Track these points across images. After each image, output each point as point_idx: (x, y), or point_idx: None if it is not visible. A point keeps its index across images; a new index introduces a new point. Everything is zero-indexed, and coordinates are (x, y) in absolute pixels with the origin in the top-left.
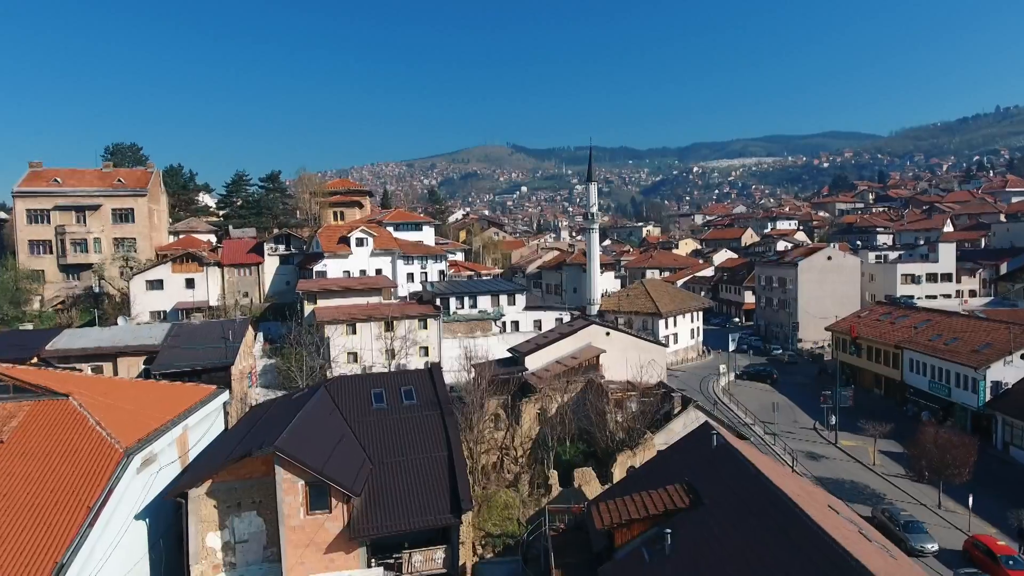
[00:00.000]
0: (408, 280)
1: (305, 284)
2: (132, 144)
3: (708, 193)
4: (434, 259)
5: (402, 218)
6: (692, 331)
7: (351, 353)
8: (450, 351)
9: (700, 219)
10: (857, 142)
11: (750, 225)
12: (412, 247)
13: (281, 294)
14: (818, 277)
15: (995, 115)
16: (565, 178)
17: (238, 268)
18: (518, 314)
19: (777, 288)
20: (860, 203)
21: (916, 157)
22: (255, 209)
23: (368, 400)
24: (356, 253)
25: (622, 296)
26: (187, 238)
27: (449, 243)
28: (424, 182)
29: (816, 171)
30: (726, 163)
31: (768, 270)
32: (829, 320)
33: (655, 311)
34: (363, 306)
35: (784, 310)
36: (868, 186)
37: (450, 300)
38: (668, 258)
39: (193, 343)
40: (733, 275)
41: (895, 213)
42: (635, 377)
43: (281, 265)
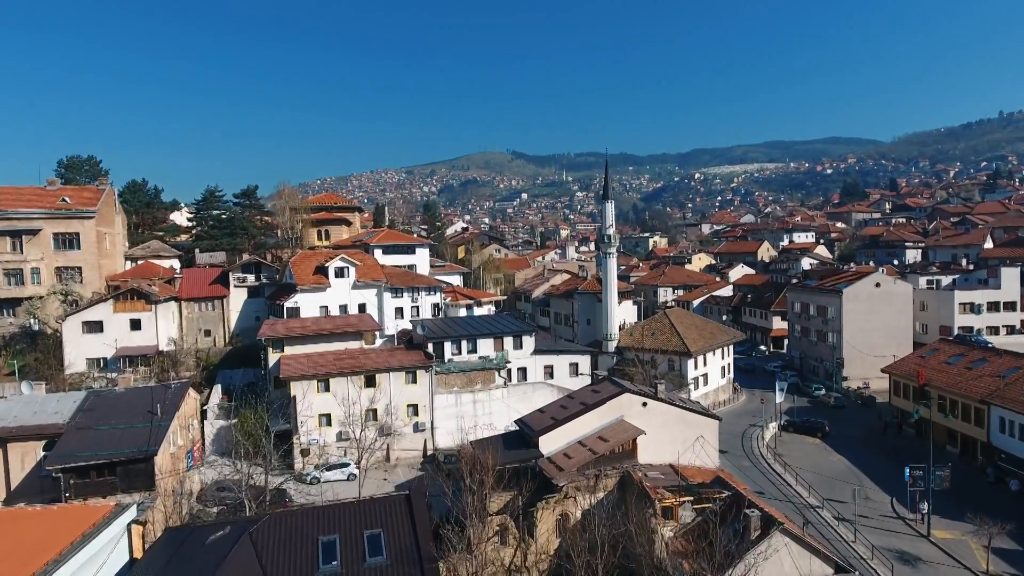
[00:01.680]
0: (397, 316)
1: (269, 328)
2: (90, 157)
3: (711, 200)
4: (427, 291)
5: (392, 239)
6: (723, 369)
7: (324, 415)
8: (445, 409)
9: (707, 228)
10: (859, 148)
11: (765, 238)
12: (402, 277)
13: (250, 331)
14: (865, 307)
15: (999, 120)
16: (566, 185)
17: (199, 302)
18: (525, 359)
19: (816, 317)
20: (876, 212)
21: (921, 163)
22: (228, 229)
23: (313, 557)
24: (335, 285)
25: (644, 330)
26: (145, 265)
27: (446, 265)
28: (424, 189)
29: (820, 177)
30: (728, 169)
31: (804, 296)
32: (878, 356)
33: (683, 349)
34: (340, 354)
35: (825, 343)
36: (882, 194)
37: (445, 345)
38: (681, 275)
39: (111, 420)
40: (758, 297)
41: (920, 225)
42: (679, 456)
43: (250, 298)
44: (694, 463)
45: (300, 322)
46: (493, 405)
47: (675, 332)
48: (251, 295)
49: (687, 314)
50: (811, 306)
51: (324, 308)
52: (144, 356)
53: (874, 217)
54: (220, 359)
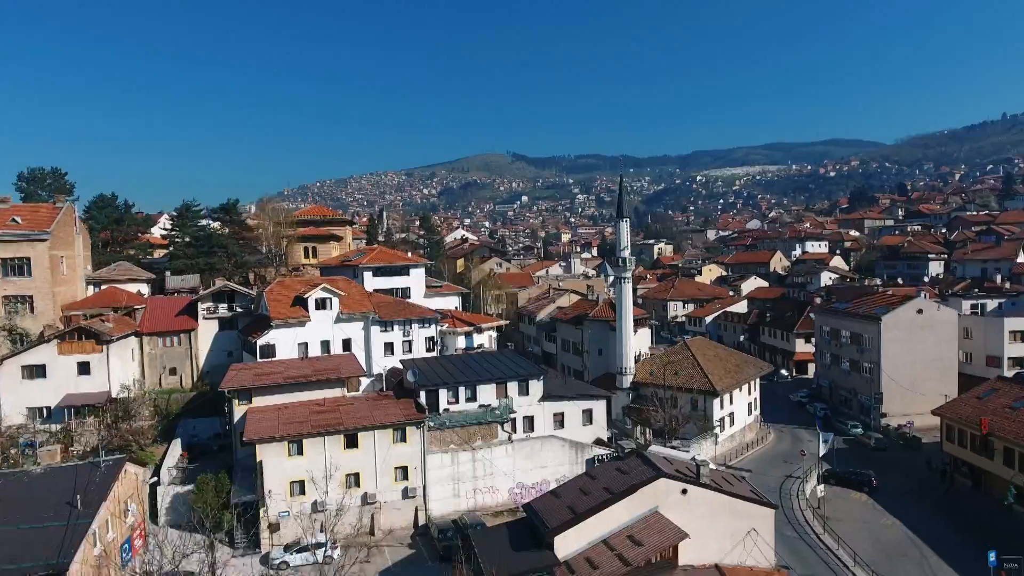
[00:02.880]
0: (386, 352)
1: (234, 377)
2: (54, 169)
3: (713, 203)
4: (421, 322)
5: (383, 260)
6: (750, 405)
7: (296, 482)
8: (440, 470)
9: (713, 234)
10: (861, 150)
11: (777, 247)
12: (392, 307)
13: (221, 369)
14: (905, 335)
15: (1002, 123)
16: (566, 187)
17: (164, 336)
18: (532, 406)
19: (849, 345)
20: (889, 219)
21: (926, 166)
22: (205, 247)
23: None
24: (316, 319)
25: (663, 364)
26: (108, 292)
27: (443, 286)
28: (423, 192)
29: (823, 180)
30: (729, 171)
31: (835, 320)
32: (921, 391)
33: (708, 387)
34: (317, 406)
35: (859, 373)
36: (892, 199)
37: (440, 392)
38: (691, 288)
39: (17, 517)
40: (778, 316)
41: (940, 235)
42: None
43: (221, 331)
44: (745, 562)
45: (272, 366)
46: (496, 464)
47: (698, 366)
48: (223, 327)
49: (709, 344)
50: (843, 332)
51: (303, 345)
52: (92, 405)
53: (888, 225)
54: (183, 406)
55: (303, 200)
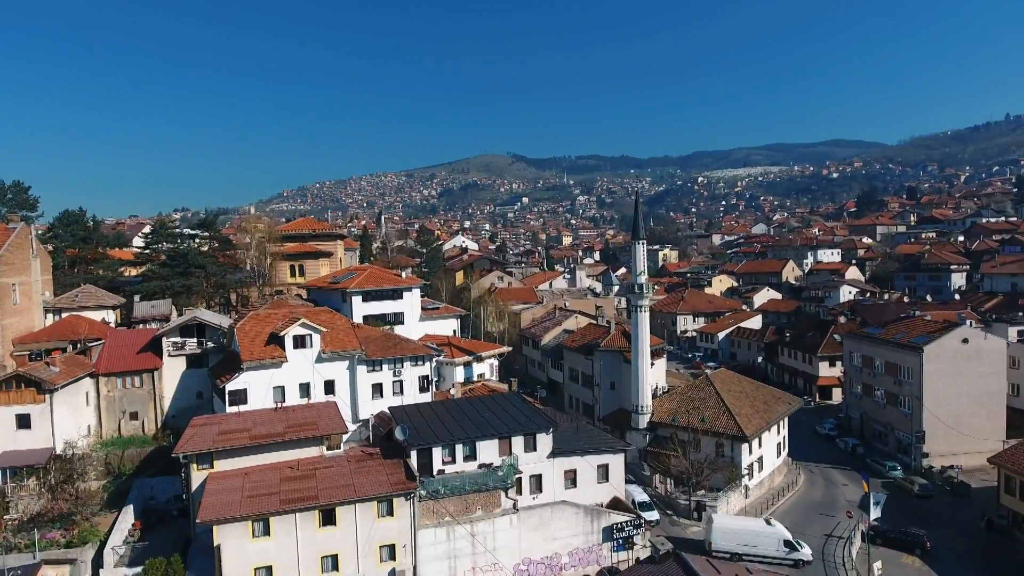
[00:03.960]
0: (374, 394)
1: (190, 439)
2: (15, 183)
3: (714, 204)
4: (414, 360)
5: (374, 282)
6: (779, 446)
7: (262, 568)
8: (433, 547)
9: (718, 239)
10: (863, 150)
11: (788, 256)
12: (382, 343)
13: (189, 413)
14: (950, 367)
15: (1006, 123)
16: (567, 188)
17: (124, 377)
18: (540, 463)
19: (883, 375)
20: (901, 225)
21: (930, 167)
22: (181, 267)
23: None
24: (294, 359)
25: (682, 401)
26: (67, 321)
27: (441, 307)
28: (423, 193)
29: (826, 181)
30: (731, 172)
31: (867, 347)
32: (966, 428)
33: (736, 431)
34: (290, 469)
35: (896, 407)
36: (901, 202)
37: (433, 452)
38: (702, 300)
39: None
40: (799, 335)
41: (960, 244)
42: None
43: (190, 369)
44: None
45: (240, 420)
46: (499, 537)
47: (722, 405)
48: (192, 364)
49: (733, 377)
50: (877, 360)
51: (279, 389)
52: (33, 465)
53: (901, 232)
54: (139, 463)
55: (302, 201)
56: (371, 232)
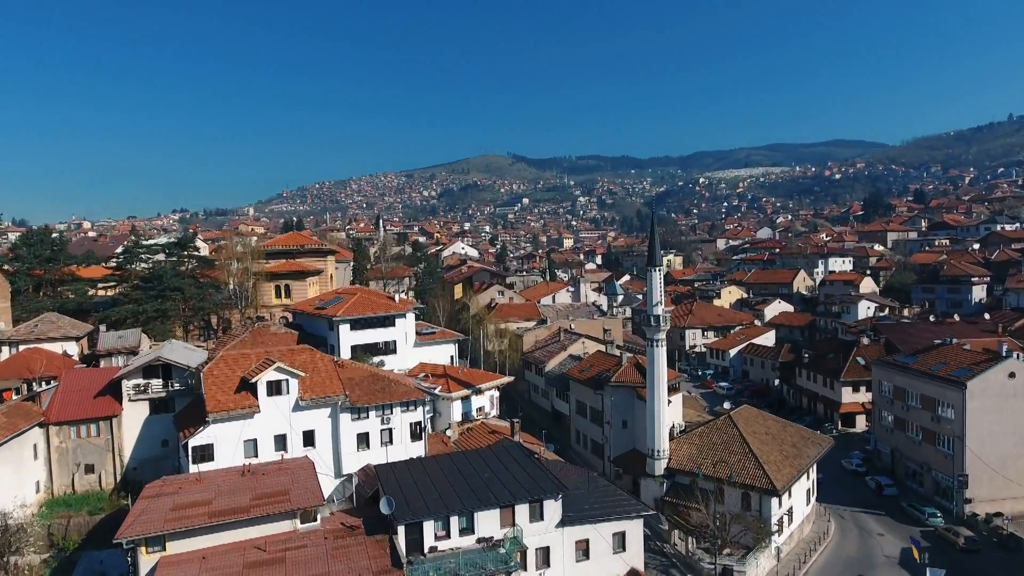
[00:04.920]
0: (360, 445)
1: (137, 520)
2: None
3: (716, 205)
4: (405, 406)
5: (364, 308)
6: (808, 492)
7: None
8: None
9: (723, 243)
10: (865, 151)
11: (799, 265)
12: (369, 385)
13: (152, 464)
14: (995, 405)
15: (1009, 124)
16: (567, 189)
17: (77, 425)
18: (548, 533)
19: (920, 410)
20: (912, 231)
21: (933, 168)
22: (155, 290)
23: None
24: (268, 408)
25: (703, 446)
26: (22, 356)
27: (437, 332)
28: (423, 193)
29: (828, 183)
30: (732, 173)
31: (901, 378)
32: (1012, 472)
33: (765, 484)
34: (255, 552)
35: (935, 446)
36: (909, 206)
37: (425, 526)
38: (711, 313)
39: None
40: (818, 357)
41: (980, 254)
42: None
43: (154, 415)
44: None
45: (201, 489)
46: None
47: (748, 452)
48: (156, 410)
49: (757, 415)
50: (911, 393)
51: (251, 443)
52: None
53: (912, 239)
54: (88, 532)
55: (302, 202)
56: (370, 235)
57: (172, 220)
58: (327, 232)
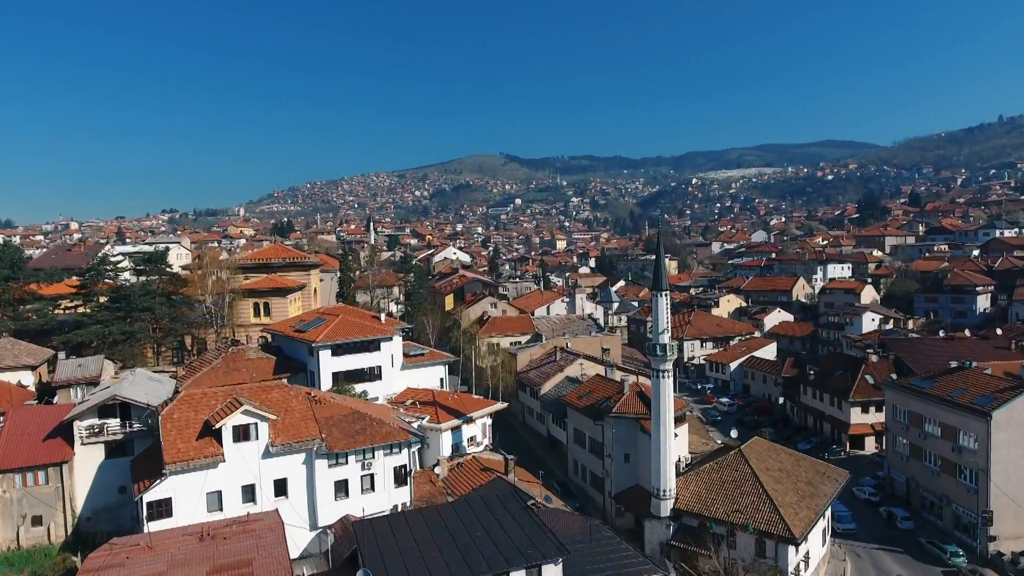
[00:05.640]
0: (338, 494)
1: None
2: None
3: (709, 206)
4: (388, 449)
5: (346, 334)
6: (824, 531)
7: None
8: None
9: (717, 247)
10: (857, 151)
11: (797, 271)
12: (348, 426)
13: (109, 513)
14: (1020, 436)
15: (1000, 125)
16: (560, 189)
17: (24, 473)
18: None
19: (939, 439)
20: (910, 235)
21: (925, 169)
22: (122, 310)
23: None
24: (235, 456)
25: (713, 484)
26: None
27: (426, 353)
28: (415, 194)
29: (820, 183)
30: (725, 174)
31: (916, 403)
32: None
33: (784, 532)
34: None
35: (955, 478)
36: (904, 208)
37: None
38: (709, 324)
39: None
40: (824, 374)
41: (982, 262)
42: None
43: (110, 459)
44: None
45: (151, 558)
46: None
47: (762, 492)
48: (112, 453)
49: (769, 449)
50: (929, 420)
51: (216, 495)
52: None
53: (911, 244)
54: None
55: (293, 202)
56: (361, 237)
57: (161, 221)
58: (317, 234)
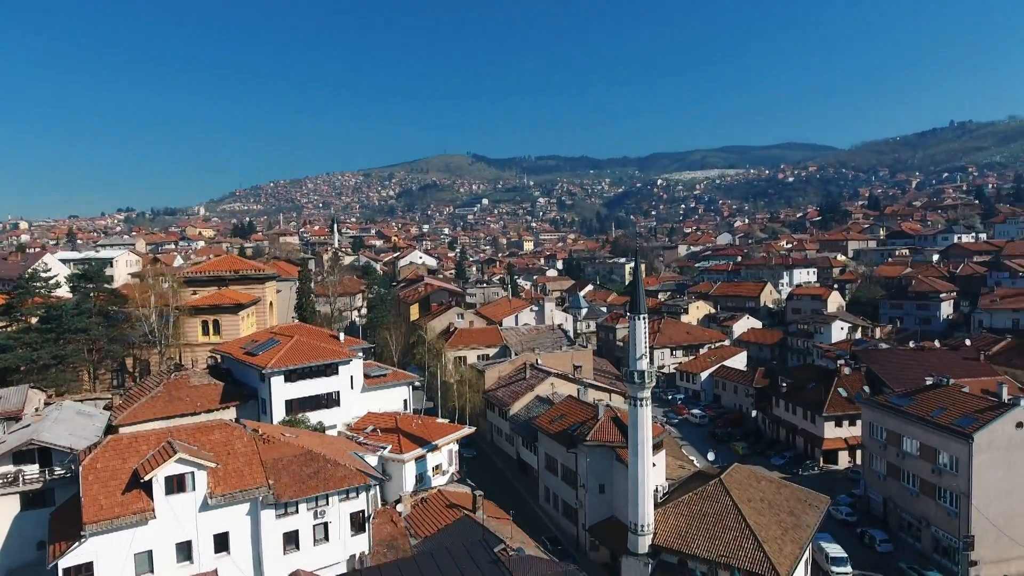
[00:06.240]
0: (287, 546)
1: None
2: None
3: (674, 207)
4: (344, 494)
5: (300, 358)
6: (807, 564)
7: None
8: None
9: (684, 250)
10: (815, 153)
11: (764, 277)
12: (299, 469)
13: (24, 573)
14: (1003, 458)
15: (951, 130)
16: (527, 190)
17: None
18: None
19: (918, 459)
20: (871, 239)
21: (881, 172)
22: (53, 332)
23: None
24: (167, 511)
25: (692, 518)
26: None
27: (388, 374)
28: (381, 193)
29: (782, 185)
30: (689, 175)
31: (894, 421)
32: (1017, 530)
33: (768, 571)
34: None
35: (936, 501)
36: (864, 212)
37: None
38: (679, 332)
39: None
40: (797, 386)
41: (943, 267)
42: None
43: (26, 510)
44: None
45: None
46: None
47: (744, 526)
48: (30, 504)
49: (750, 476)
50: (907, 439)
51: (146, 555)
52: None
53: (873, 248)
54: None
55: (255, 201)
56: (325, 239)
57: (117, 220)
58: (279, 236)
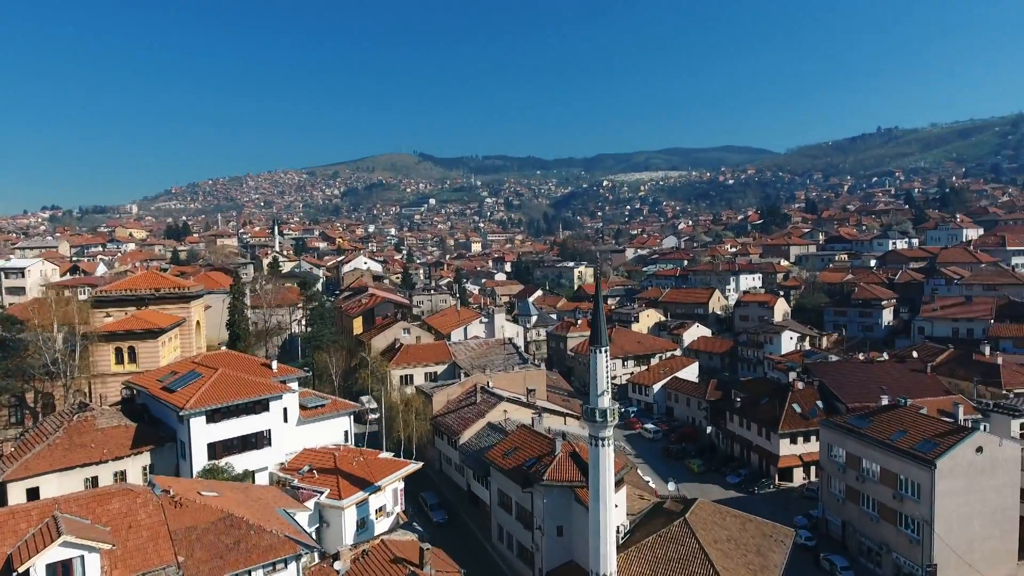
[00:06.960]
0: None
1: None
2: None
3: (620, 207)
4: (271, 567)
5: (225, 395)
6: None
7: None
8: None
9: (631, 253)
10: (754, 157)
11: (711, 283)
12: (216, 543)
13: None
14: (964, 484)
15: (879, 136)
16: (475, 190)
17: None
18: None
19: (878, 484)
20: (811, 244)
21: (815, 175)
22: None
23: None
24: None
25: (657, 563)
26: None
27: (328, 404)
28: (326, 192)
29: (722, 187)
30: (635, 176)
31: (854, 444)
32: (977, 554)
33: None
34: None
35: (897, 527)
36: (802, 216)
37: None
38: (630, 341)
39: None
40: (751, 401)
41: (884, 274)
42: None
43: None
44: None
45: None
46: None
47: (711, 572)
48: None
49: (715, 512)
50: (866, 463)
51: None
52: None
53: (813, 252)
54: None
55: (192, 199)
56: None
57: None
58: (216, 237)
